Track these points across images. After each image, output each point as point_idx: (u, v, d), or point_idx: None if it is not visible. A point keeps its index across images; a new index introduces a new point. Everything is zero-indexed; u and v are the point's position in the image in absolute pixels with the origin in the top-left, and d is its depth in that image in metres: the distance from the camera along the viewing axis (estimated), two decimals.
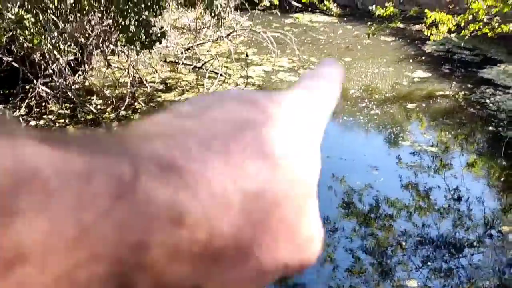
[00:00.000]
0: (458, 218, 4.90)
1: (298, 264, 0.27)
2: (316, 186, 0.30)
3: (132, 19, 3.14)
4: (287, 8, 10.85)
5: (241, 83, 8.72)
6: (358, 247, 4.34)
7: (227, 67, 9.41)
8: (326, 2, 7.93)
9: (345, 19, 16.77)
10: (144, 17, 3.25)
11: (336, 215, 4.83)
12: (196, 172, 0.21)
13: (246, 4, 9.69)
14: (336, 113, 7.89)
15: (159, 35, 3.41)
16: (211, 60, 9.29)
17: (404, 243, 4.37)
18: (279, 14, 11.59)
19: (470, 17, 7.62)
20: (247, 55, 10.65)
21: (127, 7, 3.02)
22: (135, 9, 3.06)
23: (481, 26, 7.62)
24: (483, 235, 4.52)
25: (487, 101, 8.27)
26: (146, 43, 3.40)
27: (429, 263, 4.13)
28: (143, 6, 3.24)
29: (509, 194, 5.32)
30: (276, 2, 9.11)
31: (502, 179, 5.69)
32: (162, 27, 3.54)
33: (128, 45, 3.48)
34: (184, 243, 0.20)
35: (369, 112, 7.74)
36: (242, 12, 10.88)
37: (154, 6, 3.35)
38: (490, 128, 7.17)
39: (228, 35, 9.49)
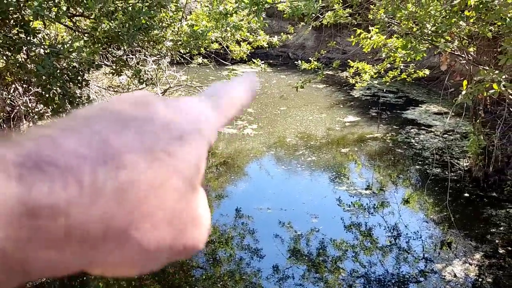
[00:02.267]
0: (400, 254, 5.12)
1: (182, 248, 0.29)
2: (200, 178, 0.31)
3: (56, 92, 3.15)
4: (224, 61, 11.25)
5: None
6: None
7: None
8: (254, 60, 8.32)
9: (278, 68, 17.56)
10: (68, 89, 3.26)
11: (285, 263, 4.89)
12: (64, 166, 0.23)
13: (181, 59, 9.90)
14: (275, 161, 8.10)
15: (86, 104, 3.41)
16: None
17: None
18: (213, 68, 11.90)
19: (389, 65, 8.25)
20: None
21: (49, 81, 3.03)
22: (58, 83, 3.08)
23: (399, 73, 8.27)
24: (424, 270, 4.74)
25: (413, 140, 8.87)
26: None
27: None
28: (66, 78, 3.26)
29: (439, 228, 5.66)
30: (207, 62, 9.40)
31: (432, 214, 6.05)
32: (89, 97, 3.55)
33: (54, 116, 3.47)
34: (42, 232, 0.22)
35: (305, 159, 8.02)
36: (178, 67, 11.08)
37: (78, 79, 3.38)
38: (418, 166, 7.67)
39: (164, 92, 9.59)
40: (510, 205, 6.07)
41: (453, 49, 5.65)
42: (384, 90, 12.50)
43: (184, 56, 9.14)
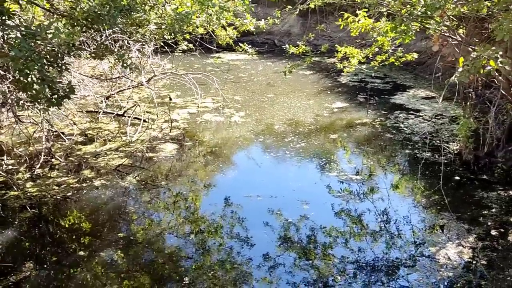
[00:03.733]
0: (390, 239, 5.06)
1: None
2: None
3: (34, 76, 2.96)
4: (209, 48, 11.05)
5: (166, 127, 8.57)
6: (300, 280, 4.31)
7: (150, 112, 9.23)
8: (241, 45, 8.12)
9: (265, 56, 17.38)
10: (47, 74, 3.07)
11: (276, 251, 4.80)
12: None
13: (166, 47, 9.67)
14: (263, 149, 7.98)
15: (67, 90, 3.22)
16: (133, 107, 9.07)
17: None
18: (198, 56, 11.68)
19: (377, 49, 8.14)
20: (170, 99, 10.56)
21: (27, 65, 2.83)
22: (36, 67, 2.88)
23: (387, 57, 8.17)
24: (415, 254, 4.69)
25: (401, 125, 8.82)
26: (53, 100, 3.20)
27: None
28: (44, 62, 3.06)
29: (430, 212, 5.61)
30: (191, 46, 9.17)
31: (424, 198, 6.01)
32: (70, 82, 3.35)
33: (33, 103, 3.27)
34: None
35: (295, 146, 7.91)
36: (162, 55, 10.85)
37: (57, 62, 3.18)
38: (407, 151, 7.62)
39: (148, 80, 9.37)
40: (501, 187, 6.06)
41: (442, 31, 5.57)
42: (372, 76, 12.42)
43: (168, 43, 8.92)
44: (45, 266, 4.51)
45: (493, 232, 5.02)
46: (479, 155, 6.64)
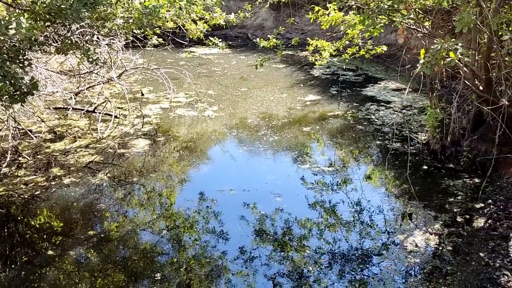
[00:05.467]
0: (363, 229, 5.17)
1: None
2: None
3: None
4: (182, 42, 10.96)
5: (138, 123, 8.47)
6: (276, 272, 4.36)
7: (121, 108, 9.10)
8: (212, 39, 8.08)
9: (238, 49, 17.33)
10: (9, 70, 2.97)
11: (251, 244, 4.84)
12: None
13: (137, 42, 9.53)
14: (237, 143, 8.00)
15: (30, 86, 3.13)
16: (103, 102, 8.92)
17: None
18: (170, 50, 11.56)
19: (348, 42, 8.25)
20: (142, 94, 10.43)
21: None
22: None
23: (358, 49, 8.29)
24: (386, 242, 4.81)
25: (373, 117, 8.98)
26: (16, 96, 3.11)
27: (344, 277, 4.28)
28: (5, 57, 2.96)
29: (400, 200, 5.76)
30: (162, 41, 9.07)
31: (394, 187, 6.15)
32: (33, 78, 3.27)
33: None
34: None
35: (268, 139, 7.95)
36: (134, 50, 10.70)
37: (19, 58, 3.08)
38: (378, 142, 7.77)
39: (119, 75, 9.22)
40: (466, 175, 6.25)
41: (409, 24, 5.69)
42: (344, 68, 12.57)
43: (139, 37, 8.79)
44: (15, 266, 4.42)
45: (459, 219, 5.19)
46: (446, 145, 6.82)
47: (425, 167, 6.60)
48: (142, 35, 8.16)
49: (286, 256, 4.66)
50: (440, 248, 4.67)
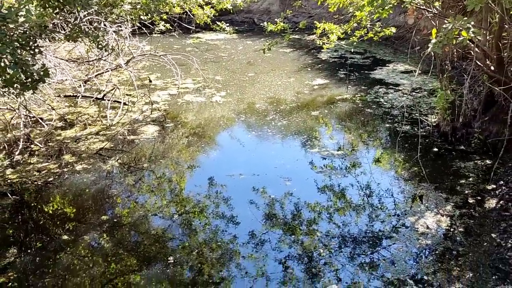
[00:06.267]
0: (373, 212, 5.16)
1: None
2: None
3: (6, 60, 2.87)
4: (188, 28, 10.90)
5: (146, 109, 8.50)
6: (286, 256, 4.38)
7: (130, 95, 9.13)
8: (219, 23, 8.01)
9: (244, 34, 17.22)
10: (20, 57, 2.98)
11: (261, 228, 4.86)
12: None
13: (144, 29, 9.50)
14: (245, 128, 7.99)
15: (41, 73, 3.14)
16: (112, 90, 8.95)
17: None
18: (177, 36, 11.52)
19: (356, 24, 8.14)
20: (150, 81, 10.44)
21: None
22: (8, 50, 2.80)
23: (366, 32, 8.19)
24: (397, 225, 4.81)
25: (381, 100, 8.91)
26: (28, 84, 3.12)
27: (354, 260, 4.29)
28: (17, 45, 2.97)
29: (410, 183, 5.74)
30: (169, 27, 9.02)
31: (404, 170, 6.13)
32: (44, 65, 3.27)
33: (7, 88, 3.18)
34: None
35: (276, 124, 7.94)
36: (140, 37, 10.67)
37: (30, 45, 3.08)
38: (387, 125, 7.72)
39: (127, 62, 9.22)
40: (477, 157, 6.21)
41: (418, 4, 5.60)
42: (352, 51, 12.47)
43: (146, 24, 8.76)
44: (29, 251, 4.50)
45: (470, 200, 5.18)
46: (456, 126, 6.77)
47: (435, 149, 6.56)
48: (149, 21, 8.13)
49: (296, 240, 4.68)
50: (452, 229, 4.67)
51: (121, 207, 5.39)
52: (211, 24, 8.36)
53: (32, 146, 6.80)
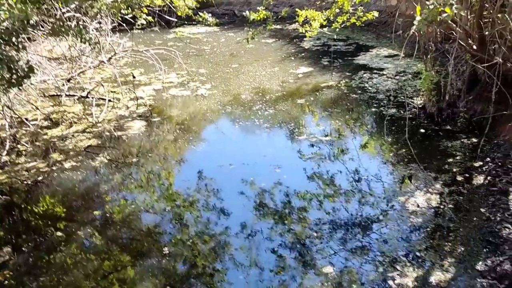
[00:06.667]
0: (362, 197, 5.19)
1: None
2: None
3: None
4: (168, 23, 10.77)
5: (132, 105, 8.41)
6: (279, 245, 4.38)
7: (114, 92, 9.02)
8: (201, 14, 7.93)
9: (226, 27, 17.10)
10: (4, 53, 2.91)
11: (252, 219, 4.86)
12: None
13: (124, 25, 9.38)
14: (232, 119, 7.97)
15: (26, 70, 3.08)
16: (96, 87, 8.83)
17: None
18: (159, 31, 11.42)
19: (338, 10, 8.14)
20: (134, 77, 10.32)
21: None
22: None
23: (348, 17, 8.19)
24: (387, 209, 4.85)
25: (366, 85, 8.95)
26: (13, 80, 3.06)
27: (346, 245, 4.32)
28: (0, 41, 2.90)
29: (398, 165, 5.79)
30: (151, 19, 8.90)
31: (391, 153, 6.19)
32: (28, 61, 3.20)
33: None
34: None
35: (263, 113, 7.93)
36: (121, 34, 10.54)
37: (13, 40, 3.02)
38: (373, 109, 7.77)
39: (109, 58, 9.09)
40: (464, 136, 6.29)
41: None
42: (334, 38, 12.47)
43: (127, 20, 8.64)
44: (22, 252, 4.44)
45: (459, 178, 5.25)
46: (442, 107, 6.84)
47: (422, 130, 6.62)
48: (130, 16, 8.02)
49: (287, 229, 4.67)
50: (442, 206, 4.73)
51: (111, 203, 5.35)
52: (192, 16, 8.27)
53: (19, 146, 6.69)
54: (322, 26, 8.32)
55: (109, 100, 8.27)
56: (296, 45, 13.19)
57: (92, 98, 8.30)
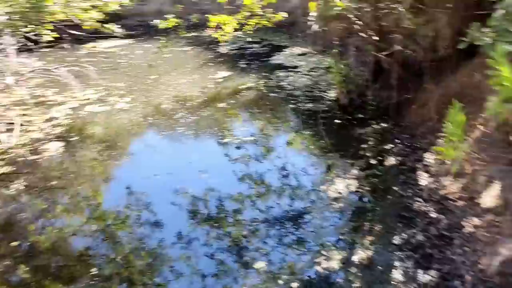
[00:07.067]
0: (292, 191, 5.40)
1: None
2: None
3: None
4: (78, 39, 10.37)
5: (47, 126, 8.02)
6: (217, 249, 4.42)
7: (26, 114, 8.53)
8: (108, 26, 7.74)
9: (141, 38, 16.76)
10: None
11: (187, 227, 4.85)
12: None
13: (32, 44, 8.90)
14: (156, 129, 7.89)
15: None
16: (4, 111, 8.30)
17: None
18: (70, 47, 10.96)
19: (248, 13, 8.35)
20: (46, 97, 9.83)
21: None
22: None
23: (260, 19, 8.42)
24: (313, 199, 5.10)
25: (283, 83, 9.29)
26: None
27: (281, 241, 4.46)
28: None
29: (320, 156, 6.11)
30: (57, 35, 8.52)
31: (312, 146, 6.50)
32: None
33: None
34: None
35: (186, 121, 7.94)
36: (29, 53, 9.99)
37: None
38: (292, 105, 8.09)
39: (17, 81, 8.60)
40: (374, 122, 6.77)
41: None
42: (249, 40, 12.77)
43: (29, 37, 8.20)
44: None
45: (373, 161, 5.66)
46: (353, 97, 7.30)
47: (337, 121, 7.02)
48: (34, 34, 7.63)
49: (224, 232, 4.72)
50: (360, 190, 5.09)
51: (35, 233, 5.08)
52: (100, 29, 8.05)
53: None
54: (235, 30, 8.50)
55: (21, 124, 7.82)
56: (213, 50, 13.31)
57: (1, 123, 7.79)
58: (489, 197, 4.15)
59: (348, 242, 4.24)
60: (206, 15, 10.40)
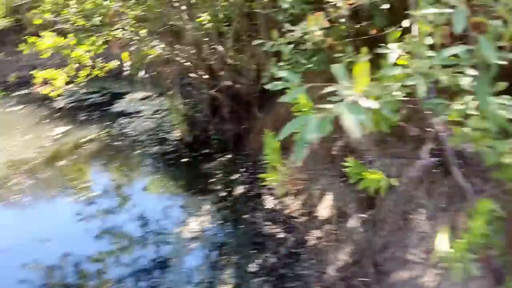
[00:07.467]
0: (154, 237, 5.22)
1: None
2: None
3: None
4: None
5: None
6: None
7: None
8: None
9: None
10: None
11: None
12: None
13: None
14: None
15: None
16: None
17: None
18: None
19: (78, 64, 8.03)
20: None
21: None
22: None
23: (91, 69, 8.15)
24: (176, 240, 5.01)
25: (127, 129, 9.06)
26: None
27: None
28: None
29: (174, 197, 6.08)
30: None
31: (164, 188, 6.44)
32: None
33: None
34: None
35: (22, 187, 7.17)
36: None
37: None
38: (139, 151, 7.92)
39: None
40: (219, 155, 7.02)
41: (123, 35, 5.95)
42: (87, 91, 12.25)
43: None
44: None
45: (222, 193, 5.84)
46: (196, 134, 7.49)
47: (185, 159, 7.09)
48: None
49: None
50: (213, 224, 5.19)
51: None
52: None
53: None
54: (67, 83, 8.09)
55: None
56: (48, 106, 12.39)
57: None
58: (324, 209, 4.61)
59: (206, 281, 4.28)
60: (30, 72, 9.70)
